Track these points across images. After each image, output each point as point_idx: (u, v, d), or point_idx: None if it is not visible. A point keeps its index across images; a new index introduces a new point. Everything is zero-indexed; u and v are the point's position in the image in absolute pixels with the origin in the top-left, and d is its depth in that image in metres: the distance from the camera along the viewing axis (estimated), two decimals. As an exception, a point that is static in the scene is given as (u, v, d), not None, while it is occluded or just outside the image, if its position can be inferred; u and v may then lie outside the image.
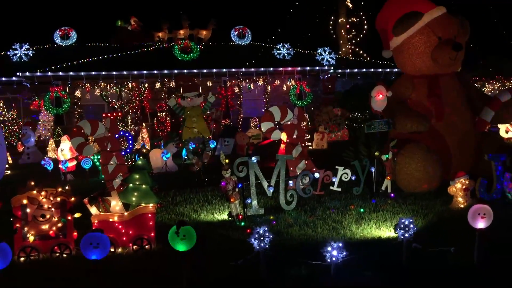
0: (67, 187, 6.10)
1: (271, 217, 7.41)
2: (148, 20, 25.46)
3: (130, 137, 12.12)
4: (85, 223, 6.29)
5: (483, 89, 22.03)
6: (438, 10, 9.33)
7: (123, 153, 11.50)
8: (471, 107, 9.40)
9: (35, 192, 5.95)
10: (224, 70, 20.91)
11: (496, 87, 21.53)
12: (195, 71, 20.44)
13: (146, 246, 6.09)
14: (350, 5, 31.11)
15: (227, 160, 7.35)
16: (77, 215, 6.06)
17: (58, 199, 5.98)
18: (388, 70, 22.90)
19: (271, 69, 21.21)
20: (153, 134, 18.02)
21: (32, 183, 5.98)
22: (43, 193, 5.96)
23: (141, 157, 6.95)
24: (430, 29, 9.16)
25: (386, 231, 6.55)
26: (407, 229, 5.27)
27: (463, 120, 9.19)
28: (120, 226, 6.12)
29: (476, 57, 25.65)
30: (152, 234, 6.17)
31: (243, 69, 20.97)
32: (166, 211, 8.08)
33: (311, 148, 16.26)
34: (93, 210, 6.18)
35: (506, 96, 9.25)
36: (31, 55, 21.18)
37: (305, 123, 16.64)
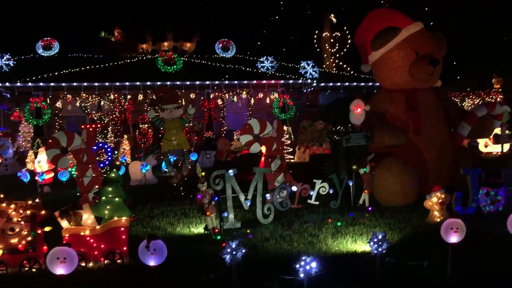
0: (37, 200, 5.98)
1: (248, 231, 7.36)
2: (132, 31, 25.37)
3: (109, 149, 11.99)
4: (56, 237, 6.17)
5: (462, 104, 22.33)
6: (416, 25, 9.47)
7: (101, 165, 11.37)
8: (448, 121, 9.50)
9: (4, 205, 5.82)
10: (207, 82, 20.90)
11: (475, 102, 21.85)
12: (178, 83, 20.37)
13: (118, 261, 5.98)
14: (334, 20, 31.46)
15: (203, 173, 7.29)
16: (47, 228, 5.95)
17: (28, 212, 5.86)
18: (371, 84, 23.08)
19: (254, 81, 21.27)
20: (135, 146, 17.86)
21: (1, 196, 5.86)
22: (12, 206, 5.84)
23: (114, 170, 6.85)
24: (408, 44, 9.27)
25: (362, 245, 6.53)
26: (380, 243, 5.26)
27: (441, 134, 9.28)
28: (91, 240, 6.01)
29: (454, 72, 26.11)
30: (125, 248, 6.06)
31: (226, 82, 20.98)
32: (142, 224, 7.97)
33: (293, 161, 16.26)
34: (64, 223, 6.06)
35: (482, 111, 9.38)
36: (12, 65, 20.94)
37: (287, 136, 16.67)
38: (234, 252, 5.03)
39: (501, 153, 10.54)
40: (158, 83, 20.17)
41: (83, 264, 5.89)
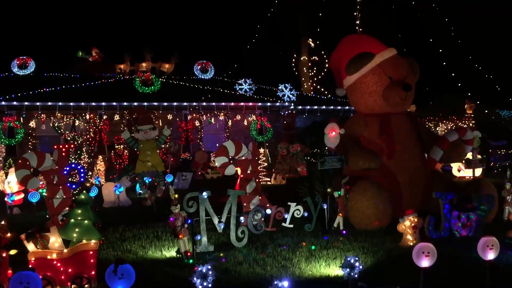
0: (2, 222, 5.79)
1: (221, 254, 7.25)
2: (110, 51, 25.30)
3: (82, 170, 11.77)
4: (22, 260, 5.97)
5: (436, 129, 22.76)
6: (389, 51, 9.67)
7: (74, 186, 11.15)
8: (421, 145, 9.64)
9: (-33, 227, 5.62)
10: (185, 103, 20.88)
11: (449, 127, 22.29)
12: (155, 103, 20.30)
13: (86, 285, 5.81)
14: (312, 44, 32.03)
15: (176, 195, 7.19)
16: (12, 252, 5.74)
17: (-7, 235, 5.66)
18: (347, 107, 23.36)
19: (232, 103, 21.35)
20: (110, 167, 17.59)
21: (-35, 218, 5.66)
22: (-24, 228, 5.64)
23: (83, 191, 6.70)
24: (382, 70, 9.44)
25: (335, 269, 6.49)
26: (352, 267, 5.24)
27: (414, 158, 9.40)
28: (58, 264, 5.82)
29: (428, 97, 26.72)
30: (93, 273, 5.90)
31: (204, 103, 20.99)
32: (113, 247, 7.79)
33: (270, 183, 16.25)
34: (30, 246, 5.87)
35: (454, 136, 9.53)
36: (-15, 84, 20.58)
37: (263, 158, 16.69)
38: (204, 277, 4.93)
39: (473, 177, 10.70)
40: (135, 103, 20.04)
41: (49, 289, 5.70)
